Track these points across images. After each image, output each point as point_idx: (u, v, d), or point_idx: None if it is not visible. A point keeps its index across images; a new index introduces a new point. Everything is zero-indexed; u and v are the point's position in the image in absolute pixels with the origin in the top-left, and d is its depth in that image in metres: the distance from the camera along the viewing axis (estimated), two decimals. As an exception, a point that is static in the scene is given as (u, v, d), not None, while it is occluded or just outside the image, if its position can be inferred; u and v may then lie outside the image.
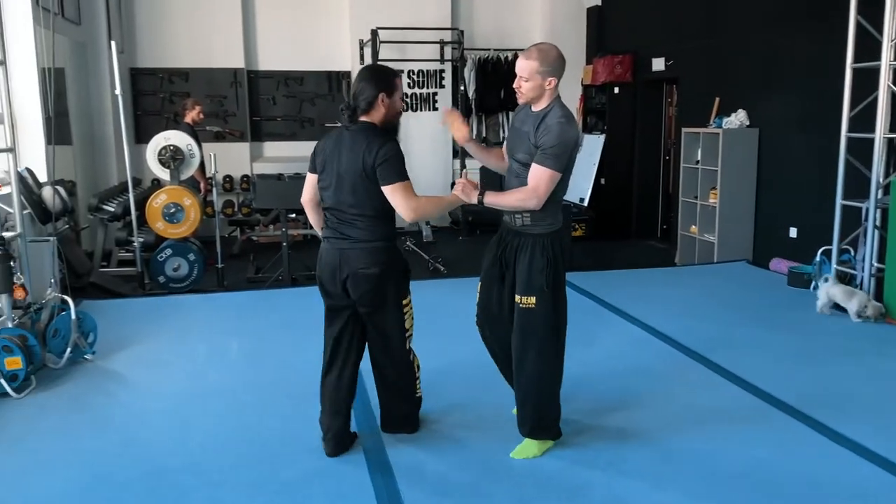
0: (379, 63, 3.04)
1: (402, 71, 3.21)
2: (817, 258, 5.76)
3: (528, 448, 3.20)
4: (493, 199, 3.03)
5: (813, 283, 5.83)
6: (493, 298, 3.27)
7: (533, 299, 3.04)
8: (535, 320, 3.06)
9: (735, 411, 3.68)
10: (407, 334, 3.22)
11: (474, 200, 3.02)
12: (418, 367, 3.31)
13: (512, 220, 3.12)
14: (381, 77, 3.05)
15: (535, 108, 3.07)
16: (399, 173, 2.95)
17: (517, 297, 3.09)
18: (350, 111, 3.02)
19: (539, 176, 2.95)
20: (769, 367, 4.27)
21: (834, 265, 5.52)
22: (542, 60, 2.98)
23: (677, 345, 4.67)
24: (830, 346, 4.65)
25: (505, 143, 3.27)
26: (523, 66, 3.00)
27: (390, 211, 3.02)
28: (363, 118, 3.02)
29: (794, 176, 6.57)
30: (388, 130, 3.06)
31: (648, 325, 5.07)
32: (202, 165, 7.14)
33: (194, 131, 7.33)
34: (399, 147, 3.00)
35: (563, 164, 2.96)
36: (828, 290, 5.23)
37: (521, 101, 3.10)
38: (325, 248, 3.10)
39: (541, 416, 3.18)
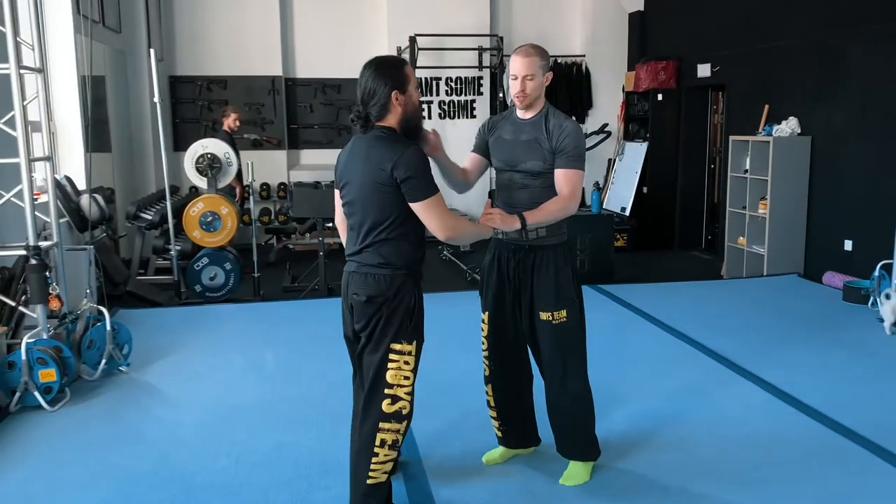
0: (382, 56, 2.66)
1: (411, 66, 2.57)
2: (876, 272, 5.48)
3: (579, 473, 3.03)
4: (535, 218, 2.76)
5: (871, 299, 5.55)
6: (508, 325, 3.00)
7: (564, 312, 2.87)
8: (569, 334, 2.90)
9: (799, 441, 3.45)
10: (387, 392, 2.54)
11: (517, 226, 2.72)
12: (390, 448, 2.56)
13: (521, 235, 2.84)
14: (389, 72, 2.51)
15: (529, 113, 2.89)
16: (428, 187, 2.47)
17: (545, 315, 2.87)
18: (362, 120, 2.53)
19: (572, 180, 2.82)
20: (830, 388, 4.03)
21: (895, 280, 5.24)
22: (541, 55, 2.85)
23: (730, 363, 4.45)
24: (889, 365, 4.39)
25: (494, 157, 2.98)
26: (526, 64, 2.81)
27: (412, 234, 2.54)
28: (379, 124, 2.53)
29: (850, 186, 6.29)
30: (410, 132, 2.58)
31: (696, 340, 4.85)
32: (239, 173, 7.10)
33: (232, 139, 7.31)
34: (423, 153, 2.53)
35: (584, 163, 2.88)
36: (892, 308, 4.93)
37: (523, 104, 2.87)
38: (344, 271, 2.67)
39: (589, 435, 3.03)
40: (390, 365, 2.54)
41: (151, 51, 6.53)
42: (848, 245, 6.31)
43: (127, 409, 3.87)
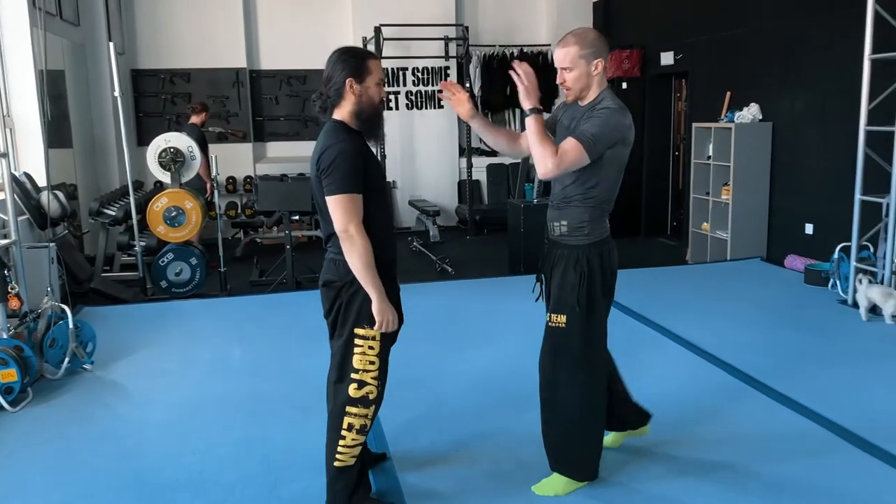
0: (355, 46, 2.63)
1: (378, 56, 2.46)
2: (835, 255, 5.59)
3: (554, 484, 2.86)
4: (537, 124, 2.59)
5: (831, 281, 5.67)
6: None
7: (563, 318, 2.73)
8: (565, 341, 2.74)
9: (755, 419, 3.52)
10: (353, 376, 2.57)
11: (528, 105, 2.59)
12: (357, 432, 2.60)
13: (551, 228, 2.80)
14: (349, 60, 2.53)
15: (584, 101, 2.73)
16: (340, 184, 2.43)
17: (548, 314, 2.80)
18: (321, 101, 2.57)
19: (570, 146, 2.58)
20: (788, 368, 4.11)
21: (853, 262, 5.35)
22: (581, 43, 2.65)
23: (690, 345, 4.52)
24: (851, 348, 4.49)
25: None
26: (563, 56, 2.66)
27: (368, 224, 2.51)
28: (334, 116, 2.57)
29: (810, 171, 6.40)
30: (364, 126, 2.58)
31: (658, 323, 4.92)
32: (208, 166, 7.04)
33: (202, 134, 7.25)
34: (351, 149, 2.47)
35: (599, 151, 2.60)
36: (866, 293, 4.95)
37: (568, 97, 2.75)
38: None
39: (569, 450, 2.84)
40: (355, 350, 2.56)
41: (111, 44, 6.42)
42: (809, 229, 6.44)
43: (91, 408, 3.83)
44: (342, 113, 2.56)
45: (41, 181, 5.93)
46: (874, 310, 4.99)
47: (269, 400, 3.87)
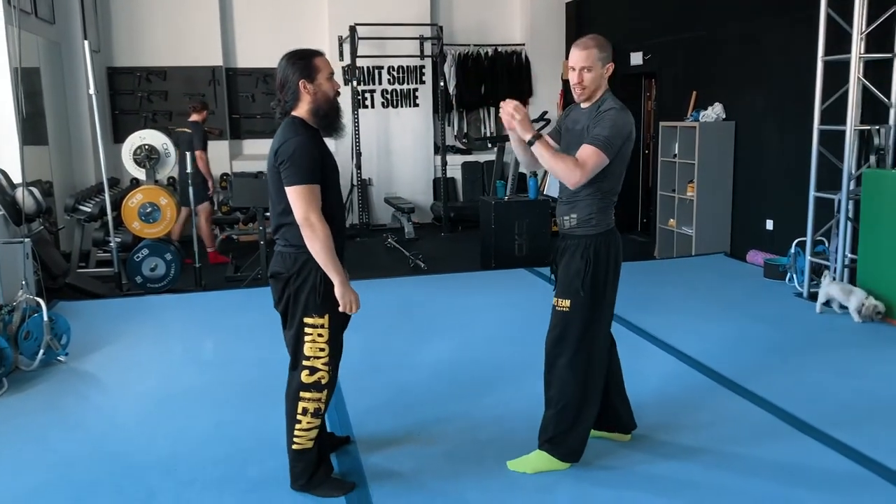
0: (300, 49, 2.73)
1: (322, 53, 2.61)
2: (792, 250, 5.80)
3: (532, 461, 3.00)
4: (543, 150, 2.79)
5: (788, 275, 5.87)
6: None
7: (567, 302, 2.89)
8: (568, 325, 2.89)
9: (705, 404, 3.70)
10: (305, 363, 2.72)
11: (527, 136, 2.80)
12: (312, 416, 2.75)
13: (562, 222, 2.95)
14: (298, 62, 2.67)
15: (588, 104, 2.90)
16: (299, 175, 2.58)
17: (554, 299, 2.96)
18: (280, 107, 2.72)
19: (588, 153, 2.76)
20: (742, 357, 4.29)
21: (808, 257, 5.56)
22: (599, 46, 2.83)
23: (650, 336, 4.69)
24: (802, 339, 4.69)
25: (560, 146, 3.00)
26: (584, 57, 2.81)
27: (324, 213, 2.66)
28: (293, 113, 2.71)
29: (770, 169, 6.61)
30: (323, 121, 2.72)
31: (621, 317, 5.09)
32: (207, 162, 7.47)
33: (204, 130, 7.43)
34: (307, 144, 2.61)
35: (614, 152, 2.78)
36: (827, 289, 5.11)
37: (581, 96, 2.89)
38: None
39: (559, 430, 2.96)
40: (306, 338, 2.71)
41: (86, 42, 6.49)
42: (769, 224, 6.65)
43: (65, 398, 3.93)
44: (301, 110, 2.70)
45: (16, 178, 5.99)
46: (829, 303, 5.18)
47: (239, 389, 3.99)
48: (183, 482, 2.98)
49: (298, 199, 2.59)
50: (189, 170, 6.42)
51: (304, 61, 2.68)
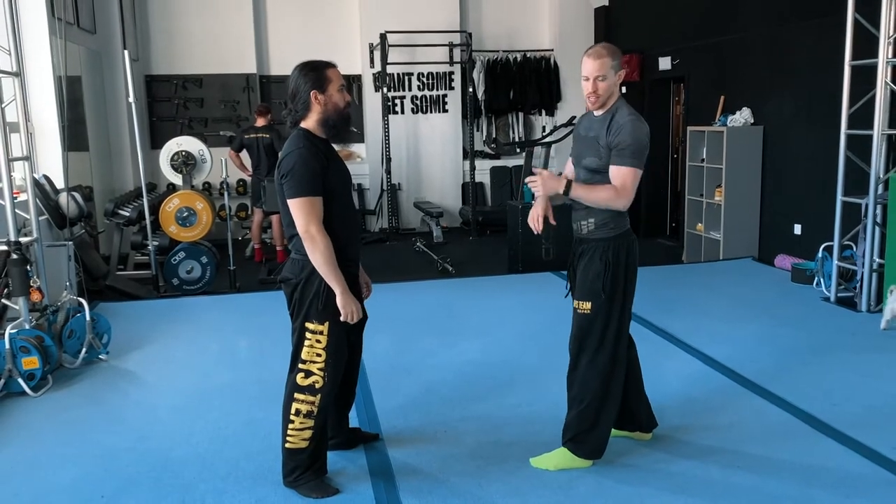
0: (312, 60, 2.82)
1: (334, 64, 2.76)
2: (819, 254, 5.80)
3: (554, 458, 3.08)
4: (580, 192, 2.89)
5: (816, 279, 5.87)
6: None
7: (588, 304, 2.95)
8: (589, 326, 2.96)
9: (728, 407, 3.74)
10: (301, 366, 2.83)
11: (560, 190, 2.88)
12: (304, 417, 2.83)
13: (579, 227, 3.02)
14: (310, 73, 2.77)
15: (601, 111, 2.95)
16: (299, 188, 2.67)
17: (575, 302, 3.03)
18: (291, 116, 2.81)
19: (623, 175, 2.83)
20: (767, 361, 4.32)
21: (835, 262, 5.55)
22: (612, 55, 2.88)
23: (676, 339, 4.74)
24: (827, 341, 4.70)
25: (570, 153, 3.12)
26: (598, 66, 2.86)
27: (332, 222, 2.76)
28: (302, 125, 2.80)
29: (798, 173, 6.60)
30: (331, 131, 2.81)
31: (647, 320, 5.13)
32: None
33: (276, 130, 7.60)
34: (307, 157, 2.69)
35: (644, 161, 2.84)
36: (892, 306, 4.77)
37: (594, 104, 2.93)
38: None
39: (582, 428, 3.03)
40: (305, 342, 2.82)
41: (125, 51, 6.72)
42: (797, 229, 6.64)
43: (106, 394, 4.10)
44: (309, 122, 2.80)
45: (59, 183, 6.23)
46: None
47: (272, 386, 4.08)
48: (219, 475, 3.12)
49: (299, 211, 2.69)
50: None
51: (315, 72, 2.77)
